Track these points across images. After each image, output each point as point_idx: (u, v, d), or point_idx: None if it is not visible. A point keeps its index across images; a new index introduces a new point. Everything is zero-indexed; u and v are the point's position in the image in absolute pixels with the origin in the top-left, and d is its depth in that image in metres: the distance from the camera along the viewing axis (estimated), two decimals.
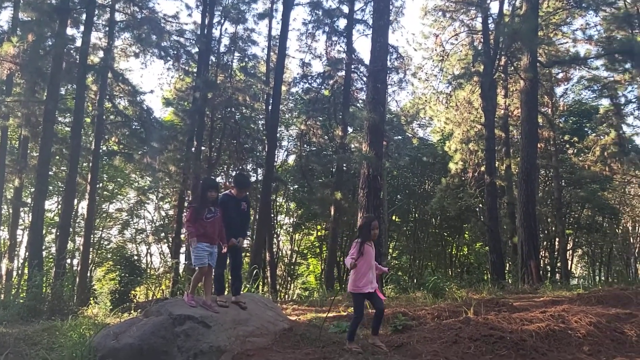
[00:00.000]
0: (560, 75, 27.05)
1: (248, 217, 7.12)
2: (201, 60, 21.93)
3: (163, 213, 30.68)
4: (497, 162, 23.08)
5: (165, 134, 21.78)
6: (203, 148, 22.77)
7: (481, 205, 25.28)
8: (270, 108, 21.38)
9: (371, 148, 13.83)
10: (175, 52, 22.26)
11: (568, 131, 27.58)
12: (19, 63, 16.40)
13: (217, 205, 6.32)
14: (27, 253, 19.16)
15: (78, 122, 17.56)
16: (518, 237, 18.15)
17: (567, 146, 27.84)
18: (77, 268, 22.10)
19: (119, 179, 29.03)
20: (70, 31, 18.61)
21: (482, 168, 22.01)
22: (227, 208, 6.48)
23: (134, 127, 22.00)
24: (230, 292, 6.72)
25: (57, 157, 22.85)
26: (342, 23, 22.62)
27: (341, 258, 28.78)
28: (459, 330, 6.37)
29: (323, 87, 23.76)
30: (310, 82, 23.48)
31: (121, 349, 5.72)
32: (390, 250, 29.35)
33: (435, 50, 24.90)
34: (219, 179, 30.28)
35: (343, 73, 22.39)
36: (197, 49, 22.42)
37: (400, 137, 27.50)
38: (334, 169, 24.70)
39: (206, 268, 6.19)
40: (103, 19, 20.75)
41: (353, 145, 20.40)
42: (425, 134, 32.89)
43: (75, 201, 22.78)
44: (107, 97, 21.01)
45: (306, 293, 21.02)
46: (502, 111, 24.44)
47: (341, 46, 22.57)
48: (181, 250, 22.13)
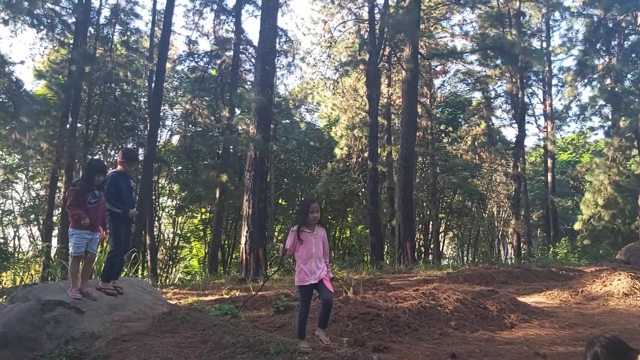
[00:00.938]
0: (438, 67, 28.60)
1: (132, 191, 6.77)
2: (78, 31, 20.44)
3: (33, 193, 28.40)
4: (380, 149, 23.98)
5: (36, 109, 20.11)
6: (79, 125, 21.35)
7: (364, 189, 26.20)
8: (153, 85, 20.49)
9: (258, 130, 13.76)
10: (49, 21, 20.58)
11: (444, 121, 29.34)
12: None
13: (103, 189, 5.88)
14: None
15: None
16: (396, 220, 19.05)
17: (443, 135, 29.62)
18: None
19: None
20: None
21: (366, 154, 22.76)
22: (120, 185, 6.07)
23: (2, 100, 20.08)
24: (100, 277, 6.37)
25: None
26: (231, 2, 22.21)
27: (226, 241, 28.53)
28: (339, 309, 6.57)
29: (210, 67, 23.20)
30: (196, 61, 22.82)
31: None
32: (276, 233, 29.56)
33: (323, 36, 25.21)
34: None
35: (231, 53, 21.97)
36: (75, 19, 20.85)
37: (288, 121, 27.67)
38: (220, 151, 24.29)
39: (82, 257, 5.77)
40: None
41: (240, 127, 20.18)
42: (312, 119, 33.38)
43: None
44: None
45: (188, 277, 20.60)
46: (386, 100, 25.38)
47: (230, 26, 22.16)
48: (53, 233, 20.66)
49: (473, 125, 26.91)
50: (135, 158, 6.53)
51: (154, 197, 26.77)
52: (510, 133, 32.44)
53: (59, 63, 22.76)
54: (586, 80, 25.72)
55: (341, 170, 25.16)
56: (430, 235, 31.09)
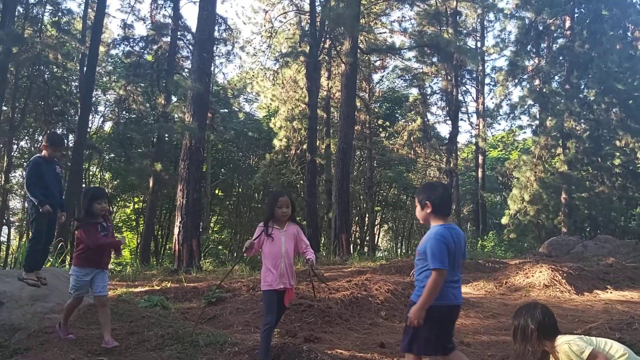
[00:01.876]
0: (377, 63, 29.00)
1: (61, 183, 6.47)
2: (6, 9, 19.26)
3: None
4: (318, 141, 24.08)
5: None
6: (5, 108, 20.25)
7: (302, 181, 26.27)
8: (85, 69, 19.67)
9: (194, 119, 13.49)
10: None
11: (382, 116, 29.82)
12: None
13: (109, 220, 5.21)
14: None
15: None
16: (333, 213, 19.23)
17: (381, 130, 30.11)
18: None
19: None
20: None
21: (304, 146, 22.79)
22: (43, 172, 5.77)
23: None
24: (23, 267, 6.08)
25: None
26: None
27: (159, 232, 27.88)
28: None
29: (146, 52, 22.50)
30: (132, 45, 22.05)
31: None
32: (212, 224, 29.18)
33: (264, 26, 25.03)
34: (23, 144, 27.28)
35: (168, 39, 21.41)
36: None
37: (226, 111, 27.27)
38: (155, 139, 23.66)
39: (81, 298, 5.10)
40: None
41: (176, 115, 19.70)
42: (252, 109, 33.08)
43: None
44: None
45: (119, 268, 20.00)
46: (325, 92, 25.50)
47: (167, 11, 21.55)
48: None
49: (409, 120, 27.50)
50: (60, 142, 6.20)
51: (84, 186, 25.80)
52: (444, 129, 33.53)
53: None
54: (516, 80, 26.79)
55: (280, 161, 25.11)
56: (366, 227, 31.59)
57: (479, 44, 29.64)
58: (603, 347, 3.18)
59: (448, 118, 26.75)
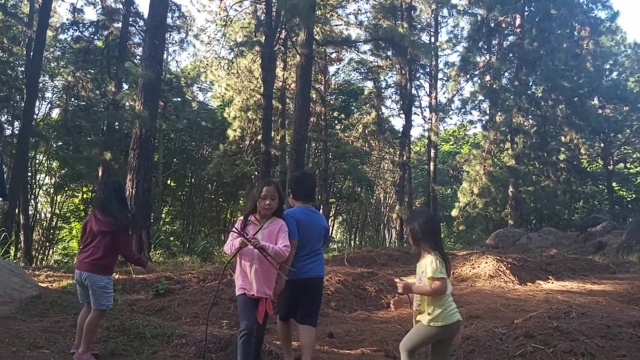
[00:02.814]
0: (333, 55, 29.04)
1: (3, 173, 6.22)
2: None
3: None
4: (273, 132, 23.97)
5: None
6: None
7: (256, 172, 26.12)
8: (32, 54, 18.89)
9: (145, 107, 13.17)
10: None
11: (337, 108, 29.93)
12: None
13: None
14: None
15: None
16: (286, 204, 19.17)
17: (336, 122, 30.24)
18: None
19: None
20: None
21: (259, 137, 22.65)
22: None
23: None
24: None
25: None
26: None
27: None
28: (221, 292, 6.54)
29: (96, 38, 21.76)
30: (81, 30, 21.26)
31: None
32: (163, 215, 28.68)
33: (219, 14, 24.59)
34: None
35: (120, 25, 20.77)
36: None
37: (179, 99, 26.74)
38: (105, 127, 23.02)
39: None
40: None
41: (127, 102, 19.21)
42: (205, 99, 32.58)
43: None
44: None
45: (66, 259, 19.46)
46: (281, 83, 25.37)
47: None
48: None
49: (364, 113, 27.72)
50: None
51: (30, 174, 24.90)
52: (398, 123, 33.80)
53: None
54: (468, 75, 27.43)
55: (234, 152, 24.88)
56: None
57: (433, 39, 30.10)
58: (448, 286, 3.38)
59: (402, 112, 27.08)
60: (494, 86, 25.68)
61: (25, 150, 18.11)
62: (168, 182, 29.38)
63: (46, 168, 28.39)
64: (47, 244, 27.42)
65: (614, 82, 29.29)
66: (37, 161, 26.98)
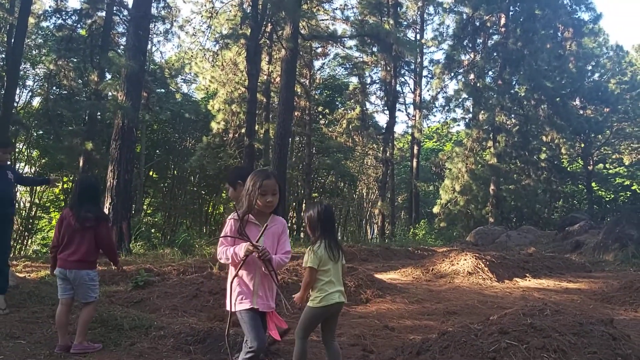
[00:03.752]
0: (319, 49, 29.01)
1: (22, 175, 5.97)
2: None
3: None
4: (257, 126, 23.91)
5: None
6: None
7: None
8: (13, 41, 18.58)
9: (128, 98, 13.07)
10: None
11: (322, 103, 29.94)
12: None
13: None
14: None
15: None
16: None
17: (320, 117, 30.25)
18: None
19: None
20: None
21: (243, 130, 22.59)
22: None
23: None
24: None
25: None
26: None
27: None
28: (201, 284, 6.54)
29: (80, 26, 21.46)
30: (64, 18, 20.95)
31: None
32: (145, 207, 28.47)
33: (205, 6, 24.44)
34: None
35: (104, 14, 20.52)
36: None
37: (163, 91, 26.52)
38: (87, 117, 22.76)
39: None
40: None
41: (109, 92, 19.01)
42: (189, 90, 32.34)
43: None
44: None
45: (45, 249, 19.24)
46: (265, 77, 25.30)
47: None
48: None
49: (349, 109, 27.78)
50: (6, 143, 5.69)
51: (10, 163, 24.51)
52: (382, 119, 34.01)
53: None
54: (453, 73, 27.63)
55: (217, 145, 24.76)
56: (301, 214, 31.76)
57: (419, 37, 30.22)
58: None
59: (386, 108, 27.20)
60: (478, 85, 25.89)
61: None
62: (150, 174, 29.16)
63: (26, 157, 27.99)
64: (26, 234, 27.07)
65: (596, 84, 29.71)
66: (17, 150, 26.57)
